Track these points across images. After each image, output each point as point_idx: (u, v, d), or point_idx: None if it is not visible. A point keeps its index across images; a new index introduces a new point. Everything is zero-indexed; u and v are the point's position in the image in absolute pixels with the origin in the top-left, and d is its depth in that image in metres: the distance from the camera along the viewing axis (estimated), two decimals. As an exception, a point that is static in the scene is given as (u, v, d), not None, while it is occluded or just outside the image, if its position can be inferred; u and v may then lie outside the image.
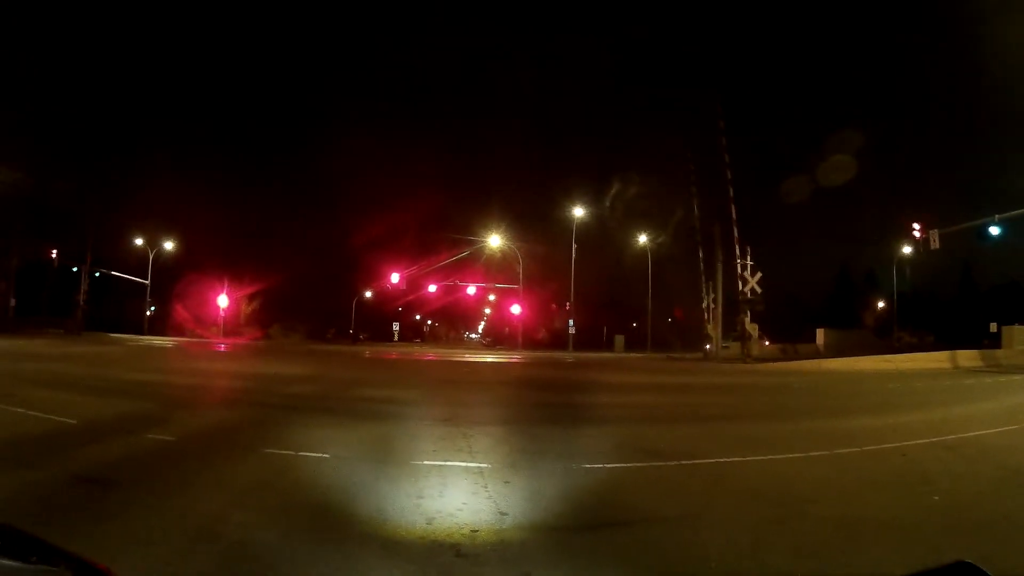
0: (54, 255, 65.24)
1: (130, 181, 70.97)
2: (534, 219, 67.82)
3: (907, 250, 60.35)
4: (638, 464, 9.02)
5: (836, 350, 49.47)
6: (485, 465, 8.43)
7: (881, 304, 73.66)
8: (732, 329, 52.14)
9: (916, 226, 40.48)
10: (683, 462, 9.17)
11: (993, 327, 51.46)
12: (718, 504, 7.04)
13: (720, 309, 51.35)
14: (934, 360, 38.97)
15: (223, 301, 71.64)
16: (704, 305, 54.63)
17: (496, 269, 70.98)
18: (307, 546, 5.38)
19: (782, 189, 55.67)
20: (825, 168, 56.25)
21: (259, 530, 5.73)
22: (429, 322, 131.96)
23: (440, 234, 73.13)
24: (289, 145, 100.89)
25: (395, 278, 68.97)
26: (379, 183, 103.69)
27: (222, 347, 51.63)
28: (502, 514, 6.26)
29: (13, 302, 66.62)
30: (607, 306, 70.01)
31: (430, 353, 54.14)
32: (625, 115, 65.78)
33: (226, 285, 73.13)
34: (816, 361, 42.54)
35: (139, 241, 74.07)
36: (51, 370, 22.17)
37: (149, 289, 75.17)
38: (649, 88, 61.08)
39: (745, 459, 9.38)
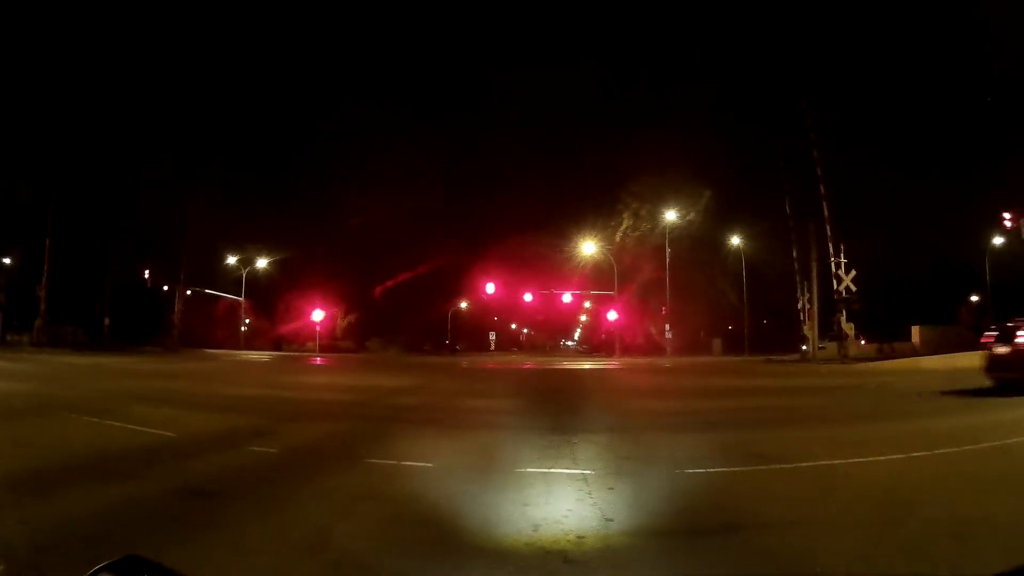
0: (147, 275, 67.13)
1: (225, 199, 72.44)
2: (628, 224, 67.31)
3: (998, 240, 58.77)
4: (742, 468, 8.95)
5: (932, 347, 48.03)
6: (589, 472, 8.45)
7: (975, 298, 71.31)
8: (828, 329, 51.22)
9: (1007, 215, 39.36)
10: (786, 465, 9.11)
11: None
12: (824, 507, 6.99)
13: (816, 309, 50.51)
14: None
15: (318, 315, 72.64)
16: (799, 305, 53.88)
17: (591, 275, 70.94)
18: (414, 555, 5.46)
19: (875, 178, 54.55)
20: (917, 156, 55.02)
21: (364, 540, 5.84)
22: (525, 331, 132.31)
23: (534, 243, 73.24)
24: (389, 163, 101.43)
25: (490, 288, 69.31)
26: (471, 196, 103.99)
27: (319, 361, 52.35)
28: (607, 520, 6.27)
29: (107, 321, 68.52)
30: (702, 309, 69.24)
31: (527, 362, 54.35)
32: (713, 114, 64.88)
33: (321, 299, 74.11)
34: (913, 360, 41.46)
35: (232, 260, 75.73)
36: (150, 386, 22.57)
37: (244, 305, 76.88)
38: (734, 85, 60.07)
39: (848, 461, 9.29)
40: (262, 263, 77.30)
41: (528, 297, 72.34)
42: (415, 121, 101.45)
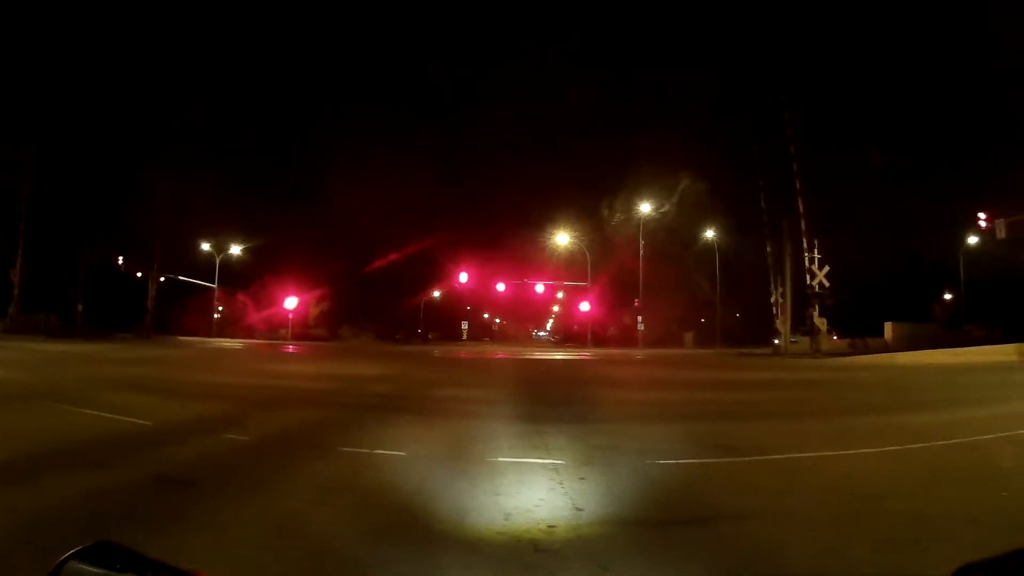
0: (120, 261, 66.71)
1: (200, 187, 71.80)
2: (602, 216, 67.52)
3: (973, 240, 59.38)
4: (712, 460, 9.02)
5: (905, 343, 48.44)
6: (560, 462, 8.49)
7: (949, 296, 71.98)
8: (801, 323, 51.54)
9: (982, 215, 39.79)
10: (757, 458, 9.14)
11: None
12: (793, 499, 7.03)
13: (789, 303, 50.84)
14: (1005, 353, 37.89)
15: (291, 303, 72.28)
16: (772, 300, 54.19)
17: (565, 266, 71.03)
18: (386, 544, 5.45)
19: (851, 175, 54.92)
20: (894, 154, 55.42)
21: (338, 527, 5.81)
22: (498, 320, 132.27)
23: (508, 233, 73.33)
24: (360, 150, 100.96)
25: (463, 278, 69.21)
26: (446, 187, 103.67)
27: (291, 348, 52.12)
28: (578, 510, 6.30)
29: (80, 308, 68.03)
30: (675, 302, 69.43)
31: (499, 352, 54.30)
32: (690, 111, 65.06)
33: (294, 287, 73.76)
34: (886, 355, 41.82)
35: (206, 246, 75.39)
36: (124, 373, 22.52)
37: (216, 293, 76.51)
38: (711, 81, 60.14)
39: (819, 454, 9.38)
40: (236, 250, 76.98)
41: (501, 287, 72.22)
42: (390, 115, 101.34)
